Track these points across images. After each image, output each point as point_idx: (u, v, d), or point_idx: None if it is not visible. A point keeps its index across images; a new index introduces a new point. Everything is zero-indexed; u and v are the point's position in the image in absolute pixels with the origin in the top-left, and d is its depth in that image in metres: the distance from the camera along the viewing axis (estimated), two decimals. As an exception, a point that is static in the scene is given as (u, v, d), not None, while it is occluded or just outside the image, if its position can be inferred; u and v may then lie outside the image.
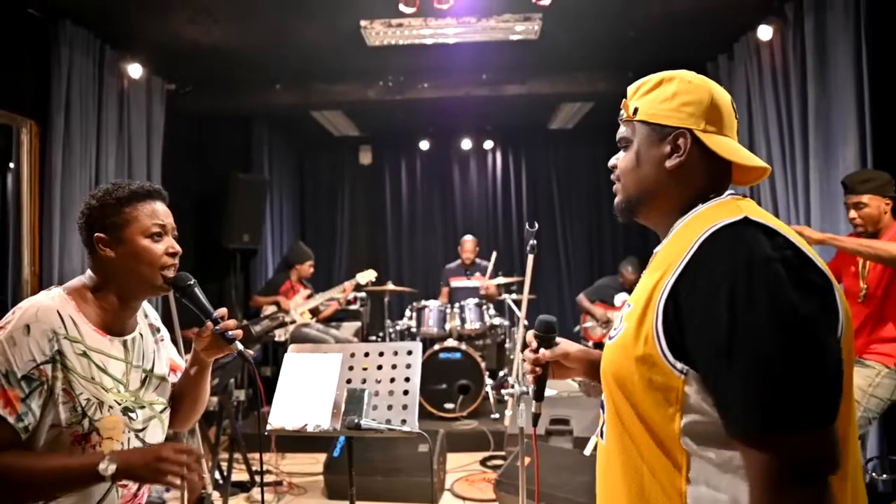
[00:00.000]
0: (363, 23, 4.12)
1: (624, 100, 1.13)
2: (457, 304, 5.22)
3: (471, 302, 5.23)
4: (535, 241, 2.10)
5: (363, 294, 5.69)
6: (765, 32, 4.01)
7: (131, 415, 1.35)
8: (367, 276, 5.33)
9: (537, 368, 1.32)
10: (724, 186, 1.08)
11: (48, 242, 3.81)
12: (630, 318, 0.98)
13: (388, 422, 1.99)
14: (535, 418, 1.39)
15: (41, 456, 1.23)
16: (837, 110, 3.55)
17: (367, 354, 2.16)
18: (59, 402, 1.24)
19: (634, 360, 0.94)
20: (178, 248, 1.41)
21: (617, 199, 1.14)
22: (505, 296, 5.70)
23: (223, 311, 1.44)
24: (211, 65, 4.90)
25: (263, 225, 6.24)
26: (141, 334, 1.46)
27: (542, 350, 1.31)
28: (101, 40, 4.21)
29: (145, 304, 1.54)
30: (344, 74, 5.27)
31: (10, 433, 1.20)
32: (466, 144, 7.54)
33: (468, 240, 6.11)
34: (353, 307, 5.91)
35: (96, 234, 1.35)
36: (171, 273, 1.39)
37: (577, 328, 5.86)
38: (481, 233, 7.22)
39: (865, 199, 2.78)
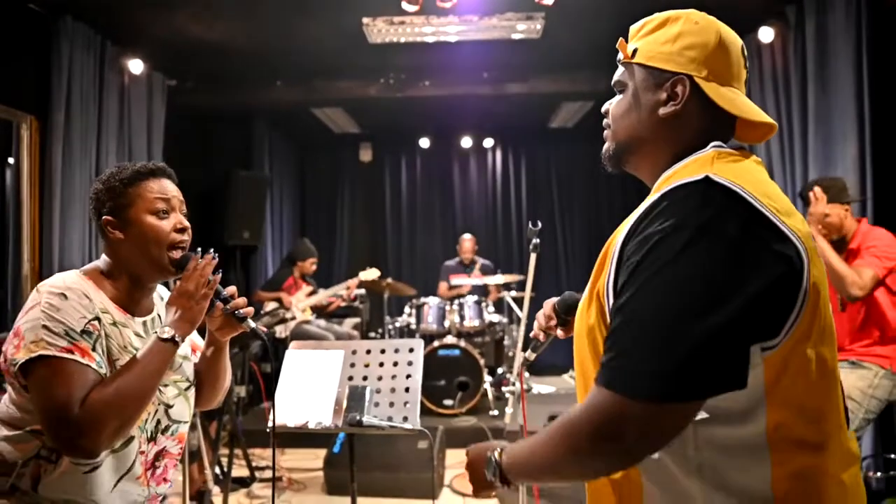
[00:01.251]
0: (365, 20, 4.12)
1: (621, 39, 1.05)
2: (456, 301, 5.24)
3: (470, 299, 5.25)
4: (537, 240, 2.11)
5: (362, 290, 5.70)
6: (766, 34, 4.03)
7: (161, 388, 1.36)
8: (370, 274, 5.35)
9: (542, 335, 1.37)
10: (723, 140, 0.99)
11: (48, 238, 3.81)
12: (590, 280, 0.95)
13: (390, 419, 2.00)
14: (525, 361, 1.46)
15: (117, 373, 1.25)
16: (837, 112, 3.56)
17: (368, 352, 2.17)
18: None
19: (595, 313, 0.92)
20: (185, 222, 1.40)
21: (605, 146, 1.07)
22: (504, 293, 5.72)
23: (232, 289, 1.43)
24: (212, 61, 4.90)
25: (264, 222, 6.24)
26: (159, 315, 1.46)
27: (559, 330, 1.34)
28: (102, 36, 4.20)
29: (159, 286, 1.53)
30: (345, 72, 5.27)
31: (97, 377, 1.22)
32: (466, 142, 7.55)
33: (467, 238, 6.13)
34: (352, 303, 5.92)
35: (104, 217, 1.35)
36: (178, 253, 1.37)
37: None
38: (481, 231, 7.23)
39: (826, 209, 2.80)
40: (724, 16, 1.04)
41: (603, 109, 1.09)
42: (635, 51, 1.02)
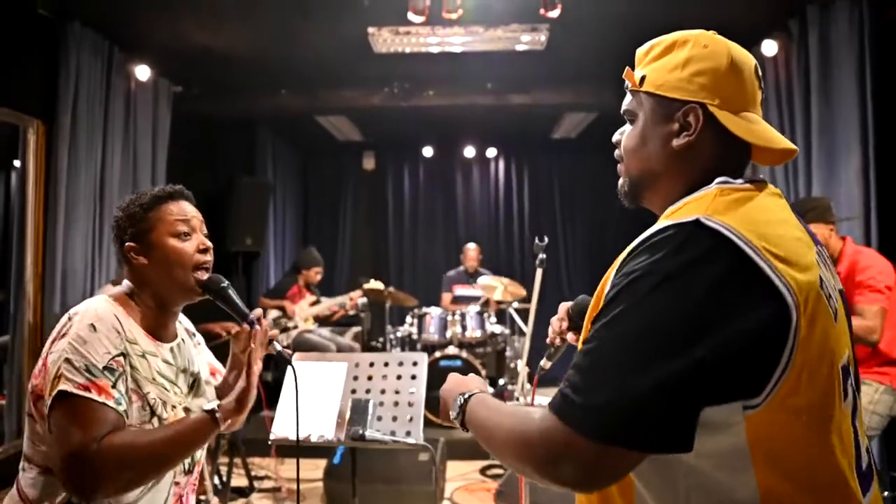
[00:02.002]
0: (371, 30, 4.14)
1: (627, 68, 1.00)
2: (458, 312, 5.23)
3: (472, 310, 5.24)
4: (544, 256, 2.10)
5: (364, 299, 5.70)
6: (769, 47, 4.04)
7: (186, 413, 1.36)
8: (374, 286, 5.35)
9: (557, 340, 1.36)
10: (739, 167, 0.94)
11: (51, 242, 3.82)
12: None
13: (393, 433, 1.99)
14: (540, 370, 1.45)
15: (153, 430, 1.23)
16: (841, 124, 3.57)
17: (371, 364, 2.17)
18: (132, 399, 1.24)
19: None
20: (208, 243, 1.39)
21: (620, 182, 1.03)
22: (506, 304, 5.71)
23: (258, 311, 1.43)
24: (218, 68, 4.92)
25: (266, 228, 6.25)
26: (183, 340, 1.46)
27: (570, 334, 1.34)
28: (110, 41, 4.22)
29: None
30: (350, 80, 5.28)
31: (115, 416, 1.19)
32: (469, 152, 7.56)
33: (472, 247, 6.12)
34: (352, 312, 5.91)
35: (126, 244, 1.35)
36: (204, 274, 1.37)
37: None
38: (483, 240, 7.23)
39: (811, 228, 2.80)
40: (728, 30, 1.01)
41: (614, 139, 1.05)
42: (643, 78, 0.97)
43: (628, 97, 1.01)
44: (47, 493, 1.21)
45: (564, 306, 1.38)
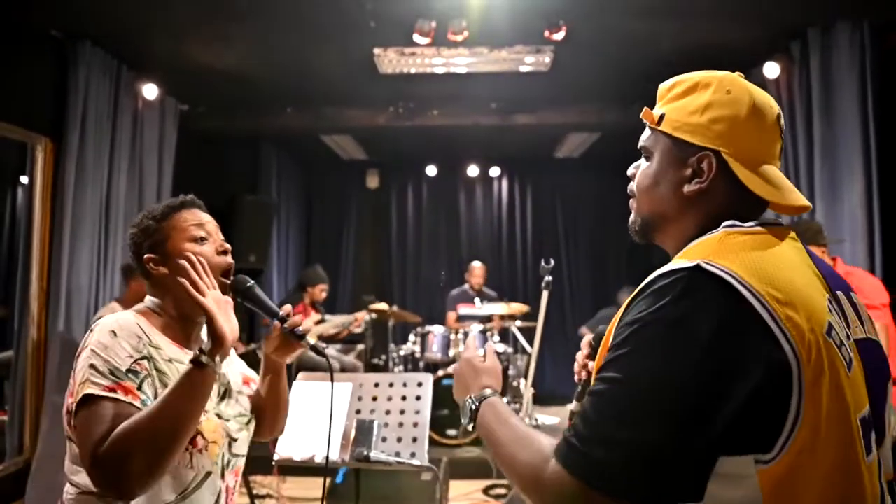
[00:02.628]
0: (377, 51, 4.18)
1: (646, 108, 1.00)
2: (461, 331, 5.22)
3: (475, 328, 5.23)
4: (550, 278, 2.11)
5: (368, 318, 5.70)
6: (771, 70, 4.08)
7: (226, 422, 1.33)
8: (380, 307, 5.35)
9: (583, 373, 1.34)
10: (753, 213, 0.91)
11: (57, 258, 3.83)
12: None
13: (398, 454, 1.99)
14: (572, 416, 1.43)
15: (148, 407, 1.15)
16: (843, 146, 3.59)
17: (376, 385, 2.17)
18: None
19: None
20: (227, 245, 1.37)
21: (631, 218, 1.03)
22: (509, 323, 5.70)
23: (288, 307, 1.40)
24: (224, 87, 4.97)
25: (270, 246, 6.26)
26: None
27: (590, 363, 1.33)
28: (119, 61, 4.28)
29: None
30: (355, 100, 5.34)
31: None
32: (473, 171, 7.59)
33: (477, 266, 6.13)
34: (357, 330, 5.91)
35: (145, 256, 1.33)
36: (228, 278, 1.34)
37: (581, 357, 5.84)
38: (486, 259, 7.24)
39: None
40: (730, 52, 1.01)
41: (629, 173, 1.04)
42: (662, 116, 0.96)
43: (647, 133, 1.00)
44: None
45: (587, 339, 1.37)
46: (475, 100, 5.32)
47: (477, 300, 5.87)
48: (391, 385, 2.14)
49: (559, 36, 3.62)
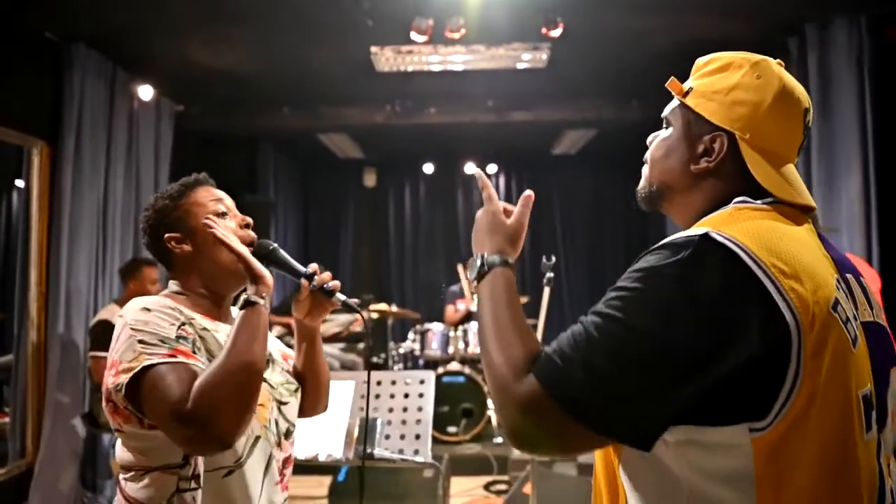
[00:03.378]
0: (374, 49, 4.18)
1: (673, 78, 0.98)
2: (460, 328, 5.23)
3: (474, 325, 5.24)
4: (551, 274, 2.12)
5: (367, 316, 5.70)
6: (768, 65, 4.08)
7: (272, 389, 1.29)
8: (380, 308, 5.35)
9: None
10: (758, 195, 0.90)
11: (55, 261, 3.83)
12: None
13: (401, 451, 2.00)
14: None
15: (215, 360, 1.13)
16: (841, 141, 3.60)
17: (379, 383, 2.18)
18: None
19: None
20: (248, 219, 1.34)
21: (640, 184, 1.02)
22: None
23: (315, 266, 1.35)
24: (220, 87, 4.96)
25: (268, 245, 6.26)
26: None
27: None
28: (114, 62, 4.26)
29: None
30: (352, 99, 5.33)
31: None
32: (470, 168, 7.60)
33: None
34: (357, 329, 5.91)
35: (166, 236, 1.28)
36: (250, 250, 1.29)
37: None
38: (483, 255, 7.25)
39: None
40: (728, 48, 0.99)
41: (648, 140, 1.03)
42: (690, 90, 0.95)
43: (671, 104, 1.00)
44: (158, 490, 1.15)
45: None
46: (472, 97, 5.32)
47: (475, 296, 5.87)
48: (394, 383, 2.15)
49: (556, 33, 3.63)
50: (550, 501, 3.00)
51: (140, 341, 1.11)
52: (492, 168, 7.76)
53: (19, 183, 4.09)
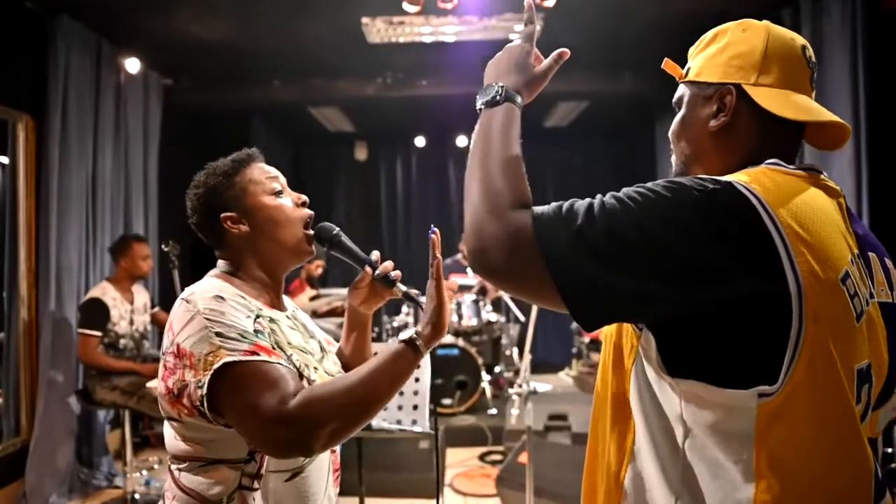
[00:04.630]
0: (365, 20, 4.12)
1: (667, 59, 1.03)
2: (454, 301, 5.25)
3: (468, 298, 5.26)
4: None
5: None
6: (762, 36, 4.06)
7: (329, 374, 1.25)
8: None
9: None
10: (787, 148, 0.93)
11: (45, 238, 3.79)
12: None
13: (399, 422, 2.02)
14: None
15: (345, 376, 1.10)
16: (834, 113, 3.60)
17: (375, 354, 2.18)
18: None
19: None
20: (304, 197, 1.31)
21: (673, 168, 1.05)
22: (502, 292, 5.74)
23: (377, 253, 1.32)
24: (209, 60, 4.88)
25: (259, 220, 6.22)
26: (294, 309, 1.35)
27: None
28: (99, 34, 4.18)
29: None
30: (343, 71, 5.26)
31: (292, 372, 1.08)
32: (462, 141, 7.55)
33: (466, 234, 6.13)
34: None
35: (223, 216, 1.22)
36: (308, 229, 1.28)
37: (573, 325, 5.92)
38: (476, 229, 7.26)
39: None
40: (721, 19, 1.01)
41: (668, 133, 1.06)
42: (688, 71, 1.00)
43: (680, 88, 1.03)
44: (220, 484, 1.11)
45: None
46: (464, 69, 5.24)
47: (469, 270, 5.89)
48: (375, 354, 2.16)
49: (549, 3, 3.58)
50: (546, 470, 3.05)
51: (217, 334, 1.06)
52: (483, 141, 7.70)
53: (3, 159, 4.02)
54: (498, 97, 0.96)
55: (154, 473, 4.03)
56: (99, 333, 3.52)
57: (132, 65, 4.42)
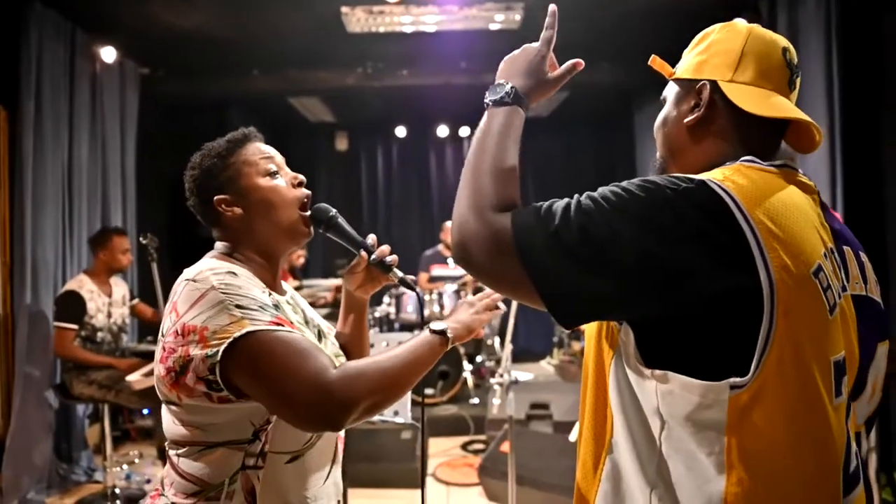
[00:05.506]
0: (344, 9, 4.09)
1: (654, 56, 1.06)
2: (435, 291, 5.26)
3: (449, 288, 5.27)
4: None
5: (340, 281, 5.69)
6: (739, 26, 4.10)
7: (338, 360, 1.22)
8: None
9: None
10: (765, 148, 0.93)
11: (19, 231, 3.72)
12: None
13: (381, 413, 2.02)
14: None
15: (385, 355, 1.10)
16: (808, 104, 3.65)
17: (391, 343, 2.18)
18: None
19: None
20: (301, 176, 1.29)
21: (655, 160, 1.08)
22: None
23: (373, 237, 1.32)
24: (187, 49, 4.80)
25: (239, 212, 6.17)
26: (291, 295, 1.33)
27: None
28: (73, 23, 4.09)
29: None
30: (323, 61, 5.22)
31: (316, 346, 1.07)
32: (443, 131, 7.54)
33: (450, 226, 6.12)
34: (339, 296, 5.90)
35: (216, 198, 1.20)
36: (305, 210, 1.26)
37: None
38: (457, 219, 7.28)
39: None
40: (699, 8, 1.05)
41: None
42: (676, 69, 1.03)
43: (667, 86, 1.06)
44: (222, 467, 1.09)
45: None
46: (445, 59, 5.25)
47: (450, 260, 5.90)
48: (372, 346, 2.16)
49: (529, -7, 3.58)
50: (528, 459, 3.08)
51: (238, 306, 1.03)
52: (464, 131, 7.70)
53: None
54: (507, 97, 0.98)
55: (135, 467, 4.00)
56: (75, 326, 3.48)
57: (108, 54, 4.34)
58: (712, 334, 0.79)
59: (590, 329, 0.99)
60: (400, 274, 1.28)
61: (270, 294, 1.14)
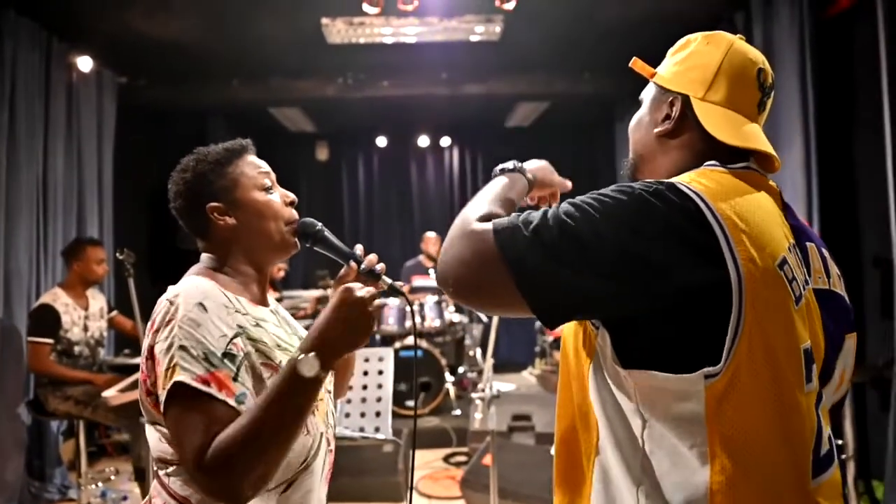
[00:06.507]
0: (325, 20, 4.08)
1: (635, 58, 1.09)
2: (416, 302, 5.25)
3: (430, 299, 5.26)
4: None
5: (325, 292, 5.65)
6: (716, 39, 4.16)
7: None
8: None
9: None
10: (730, 160, 0.95)
11: (-8, 243, 3.65)
12: None
13: (362, 429, 2.00)
14: None
15: (253, 410, 1.01)
16: (783, 116, 3.71)
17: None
18: (264, 376, 1.09)
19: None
20: (293, 196, 1.28)
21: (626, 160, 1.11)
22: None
23: (360, 247, 1.29)
24: (166, 58, 4.76)
25: (218, 223, 6.10)
26: (275, 308, 1.32)
27: None
28: (48, 31, 4.04)
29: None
30: (303, 71, 5.21)
31: (232, 414, 1.01)
32: (424, 141, 7.55)
33: (431, 236, 6.11)
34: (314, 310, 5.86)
35: (209, 205, 1.18)
36: (293, 228, 1.25)
37: (537, 324, 5.97)
38: (438, 229, 7.26)
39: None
40: (677, 22, 1.06)
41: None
42: (658, 71, 1.06)
43: (648, 86, 1.08)
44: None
45: None
46: (425, 70, 5.26)
47: (431, 271, 5.89)
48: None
49: (509, 6, 3.60)
50: (510, 472, 3.07)
51: (181, 347, 1.02)
52: (445, 141, 7.72)
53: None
54: (514, 167, 1.16)
55: (111, 484, 3.92)
56: (50, 341, 3.40)
57: (84, 63, 4.29)
58: (687, 328, 0.81)
59: (565, 340, 1.02)
60: (389, 281, 1.26)
61: (237, 335, 1.08)
